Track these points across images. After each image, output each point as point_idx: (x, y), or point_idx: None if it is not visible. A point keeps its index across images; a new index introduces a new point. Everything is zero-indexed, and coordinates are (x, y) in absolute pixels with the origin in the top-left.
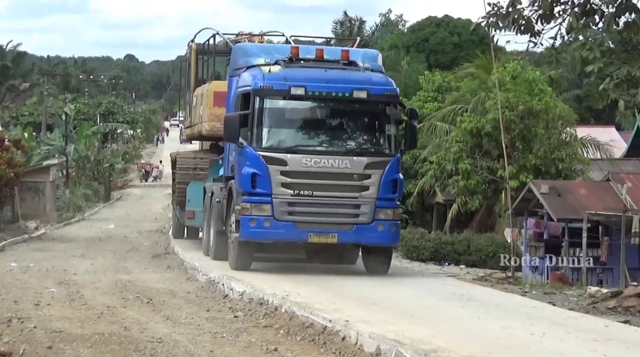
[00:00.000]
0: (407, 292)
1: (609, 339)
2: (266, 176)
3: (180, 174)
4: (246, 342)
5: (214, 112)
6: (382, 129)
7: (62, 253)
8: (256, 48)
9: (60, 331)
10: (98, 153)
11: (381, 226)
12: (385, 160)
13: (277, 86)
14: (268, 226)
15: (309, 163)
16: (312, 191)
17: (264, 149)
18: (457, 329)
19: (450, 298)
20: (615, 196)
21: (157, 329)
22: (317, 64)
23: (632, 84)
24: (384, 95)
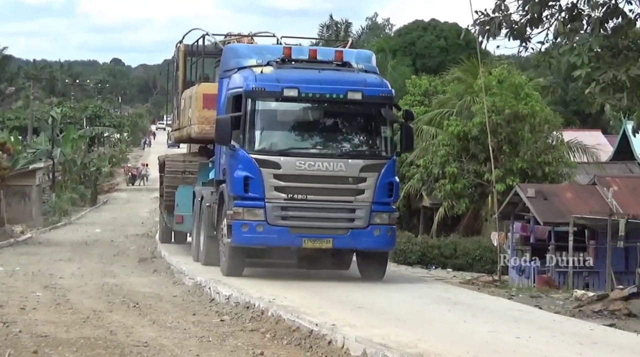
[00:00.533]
0: (394, 296)
1: (595, 343)
2: (259, 180)
3: (169, 178)
4: (232, 346)
5: (203, 115)
6: (377, 131)
7: (48, 257)
8: (247, 49)
9: (45, 336)
10: (84, 157)
11: (377, 231)
12: (381, 163)
13: (269, 88)
14: (261, 231)
15: (303, 166)
16: (306, 195)
17: (256, 152)
18: (444, 333)
19: (437, 302)
20: (601, 199)
21: (143, 333)
22: (310, 64)
23: (618, 88)
24: (379, 97)
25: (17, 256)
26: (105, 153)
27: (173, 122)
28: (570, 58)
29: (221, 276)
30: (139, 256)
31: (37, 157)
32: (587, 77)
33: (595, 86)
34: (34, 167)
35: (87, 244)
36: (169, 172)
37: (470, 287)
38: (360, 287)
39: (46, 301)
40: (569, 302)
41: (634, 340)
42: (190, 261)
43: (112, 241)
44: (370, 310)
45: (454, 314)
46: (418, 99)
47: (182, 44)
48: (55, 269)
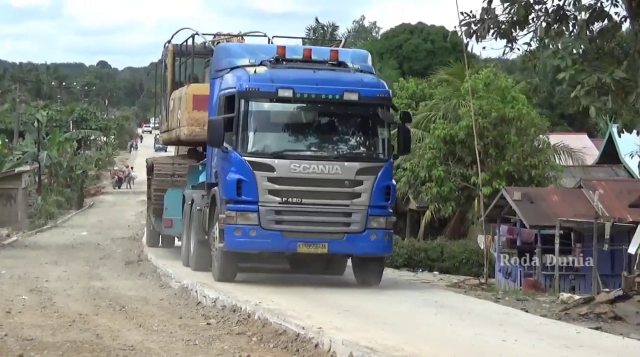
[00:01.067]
0: (381, 299)
1: (581, 346)
2: (252, 183)
3: (158, 181)
4: (219, 349)
5: (193, 116)
6: (374, 132)
7: (34, 260)
8: (240, 48)
9: (31, 339)
10: (71, 160)
11: (374, 235)
12: (378, 166)
13: (263, 88)
14: (254, 236)
15: (298, 169)
16: (300, 198)
17: (249, 154)
18: (430, 336)
19: (424, 305)
20: (587, 202)
21: (130, 336)
22: (305, 64)
23: (603, 91)
24: (376, 98)
25: (3, 259)
26: (92, 156)
27: (161, 124)
28: (554, 61)
29: (210, 279)
30: (125, 259)
31: (23, 160)
32: (572, 79)
33: (581, 89)
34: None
35: (73, 247)
36: (158, 175)
37: (457, 290)
38: (347, 291)
39: (32, 305)
40: (555, 305)
41: (620, 343)
42: (178, 264)
43: (98, 244)
44: (357, 313)
45: (441, 317)
46: (405, 101)
47: (170, 43)
48: (41, 272)
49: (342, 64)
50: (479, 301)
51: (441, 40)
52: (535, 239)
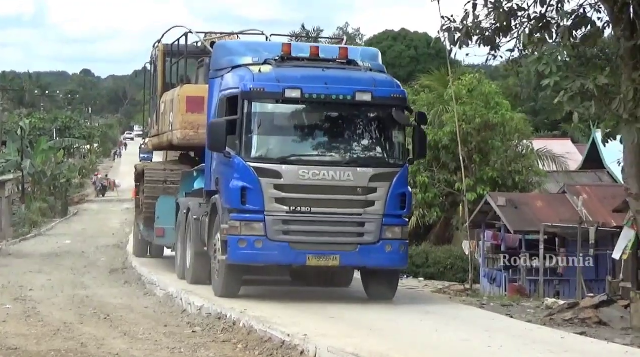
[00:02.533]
0: (367, 306)
1: (566, 351)
2: (258, 191)
3: (149, 188)
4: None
5: (187, 119)
6: (388, 136)
7: (18, 269)
8: (242, 46)
9: (15, 348)
10: (55, 168)
11: (389, 246)
12: (393, 172)
13: (269, 88)
14: (260, 247)
15: (307, 175)
16: (310, 207)
17: (255, 160)
18: (416, 342)
19: (409, 311)
20: (571, 208)
21: (115, 345)
22: (312, 63)
23: (587, 97)
24: (391, 98)
25: None
26: (76, 164)
27: (150, 128)
28: (538, 67)
29: (192, 286)
30: (110, 267)
31: (7, 168)
32: (556, 86)
33: (564, 95)
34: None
35: (58, 256)
36: (149, 181)
37: (442, 296)
38: (333, 298)
39: (16, 314)
40: (540, 310)
41: (605, 348)
42: (163, 272)
43: (82, 252)
44: (342, 320)
45: (426, 324)
46: None
47: (160, 43)
48: (25, 281)
49: (352, 63)
50: (464, 306)
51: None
52: (519, 244)
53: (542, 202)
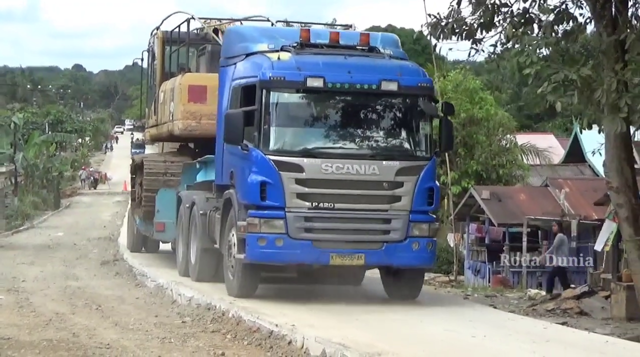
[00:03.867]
0: (353, 298)
1: (548, 341)
2: (278, 185)
3: (149, 180)
4: (194, 347)
5: (188, 109)
6: (415, 127)
7: (11, 261)
8: (256, 31)
9: (8, 338)
10: (47, 161)
11: (416, 244)
12: (420, 165)
13: (289, 77)
14: (281, 246)
15: (330, 169)
16: (333, 203)
17: (274, 153)
18: (401, 333)
19: (394, 302)
20: (553, 201)
21: (106, 335)
22: (333, 50)
23: (570, 88)
24: (417, 87)
25: None
26: (68, 158)
27: (148, 119)
28: (520, 58)
29: (182, 277)
30: (101, 258)
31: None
32: (537, 75)
33: (548, 86)
34: None
35: (50, 248)
36: (149, 173)
37: (427, 287)
38: (320, 289)
39: (9, 304)
40: (523, 301)
41: (586, 338)
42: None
43: (74, 244)
44: (330, 311)
45: (411, 314)
46: None
47: (159, 30)
48: (17, 272)
49: (374, 50)
50: (449, 297)
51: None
52: (503, 236)
53: (525, 195)
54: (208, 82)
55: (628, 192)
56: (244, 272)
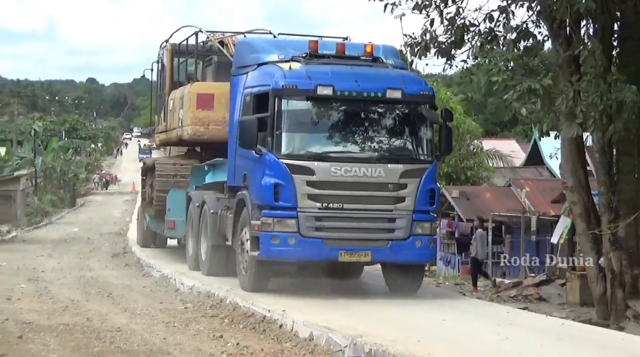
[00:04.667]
0: (337, 287)
1: (511, 324)
2: (290, 187)
3: (160, 182)
4: (195, 330)
5: (197, 116)
6: (417, 132)
7: (32, 253)
8: (267, 43)
9: (29, 323)
10: (63, 164)
11: (419, 242)
12: (422, 168)
13: (301, 85)
14: (293, 244)
15: (339, 172)
16: (342, 204)
17: (287, 157)
18: (380, 317)
19: (375, 291)
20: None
21: (116, 319)
22: (339, 60)
23: (533, 96)
24: (420, 95)
25: (4, 253)
26: (82, 161)
27: (158, 125)
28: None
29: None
30: (112, 251)
31: (21, 165)
32: (503, 84)
33: (513, 94)
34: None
35: (66, 242)
36: (160, 175)
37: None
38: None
39: (29, 292)
40: (489, 289)
41: (544, 321)
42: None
43: (88, 239)
44: (317, 299)
45: (390, 301)
46: None
47: (168, 43)
48: (37, 263)
49: (378, 60)
50: (424, 285)
51: None
52: (471, 231)
53: (491, 194)
54: (215, 90)
55: (581, 191)
56: (257, 268)
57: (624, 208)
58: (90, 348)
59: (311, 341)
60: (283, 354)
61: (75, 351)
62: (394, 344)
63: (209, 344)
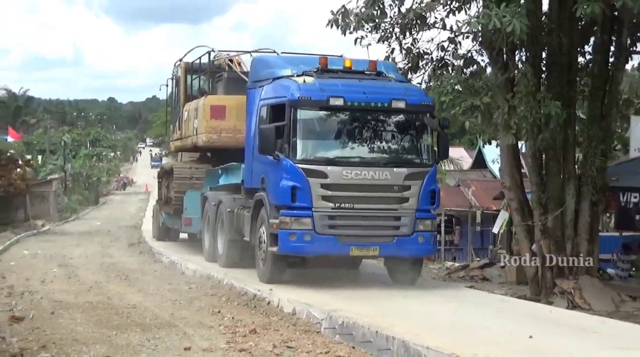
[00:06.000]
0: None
1: (459, 300)
2: (306, 189)
3: (178, 183)
4: (197, 306)
5: (210, 125)
6: (419, 139)
7: (62, 243)
8: (281, 59)
9: (60, 301)
10: (88, 170)
11: (421, 238)
12: (424, 171)
13: (315, 97)
14: (309, 240)
15: (350, 175)
16: (352, 204)
17: (303, 161)
18: (351, 295)
19: (345, 274)
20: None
21: (132, 298)
22: (347, 74)
23: (475, 112)
24: (422, 105)
25: (39, 243)
26: (104, 167)
27: (173, 133)
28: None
29: (190, 255)
30: (128, 241)
31: (54, 170)
32: (451, 102)
33: (459, 110)
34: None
35: (90, 234)
36: (178, 178)
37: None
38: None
39: (60, 276)
40: (442, 270)
41: (488, 297)
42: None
43: (108, 231)
44: (300, 282)
45: (359, 283)
46: None
47: (182, 61)
48: (66, 252)
49: (381, 74)
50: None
51: None
52: None
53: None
54: (226, 102)
55: (517, 190)
56: (274, 262)
57: (552, 204)
58: (110, 322)
59: (294, 315)
60: (270, 326)
61: (97, 325)
62: (362, 318)
63: (209, 318)
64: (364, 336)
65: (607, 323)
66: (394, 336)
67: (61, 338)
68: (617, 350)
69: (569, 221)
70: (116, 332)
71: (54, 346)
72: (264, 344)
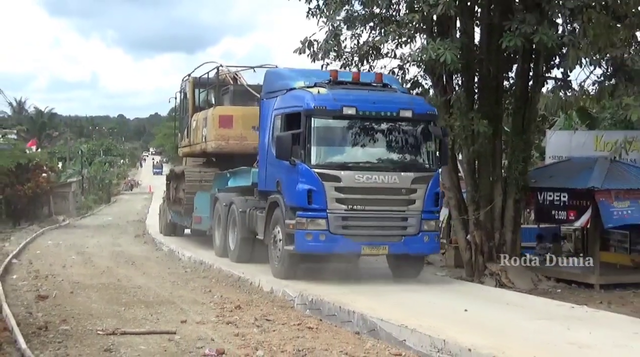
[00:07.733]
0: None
1: (408, 280)
2: (321, 192)
3: (189, 185)
4: (192, 287)
5: (219, 133)
6: (425, 146)
7: (79, 235)
8: (294, 72)
9: (78, 282)
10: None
11: (427, 237)
12: (429, 175)
13: (329, 106)
14: (324, 240)
15: (361, 179)
16: (364, 206)
17: (318, 166)
18: (325, 281)
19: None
20: None
21: (138, 280)
22: (356, 86)
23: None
24: (427, 114)
25: (61, 235)
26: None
27: (181, 141)
28: None
29: (186, 243)
30: (135, 233)
31: (73, 174)
32: None
33: None
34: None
35: (103, 227)
36: (189, 180)
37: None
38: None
39: (78, 261)
40: None
41: (431, 277)
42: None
43: (118, 225)
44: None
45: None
46: None
47: (190, 76)
48: (83, 242)
49: (387, 86)
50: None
51: None
52: None
53: None
54: (233, 112)
55: (455, 190)
56: (290, 260)
57: (483, 201)
58: (120, 300)
59: (272, 294)
60: (252, 302)
61: (109, 302)
62: (329, 296)
63: (201, 296)
64: (330, 310)
65: (527, 298)
66: (354, 310)
67: (79, 313)
68: (536, 320)
69: (497, 215)
70: (124, 308)
71: (72, 320)
72: (247, 317)
